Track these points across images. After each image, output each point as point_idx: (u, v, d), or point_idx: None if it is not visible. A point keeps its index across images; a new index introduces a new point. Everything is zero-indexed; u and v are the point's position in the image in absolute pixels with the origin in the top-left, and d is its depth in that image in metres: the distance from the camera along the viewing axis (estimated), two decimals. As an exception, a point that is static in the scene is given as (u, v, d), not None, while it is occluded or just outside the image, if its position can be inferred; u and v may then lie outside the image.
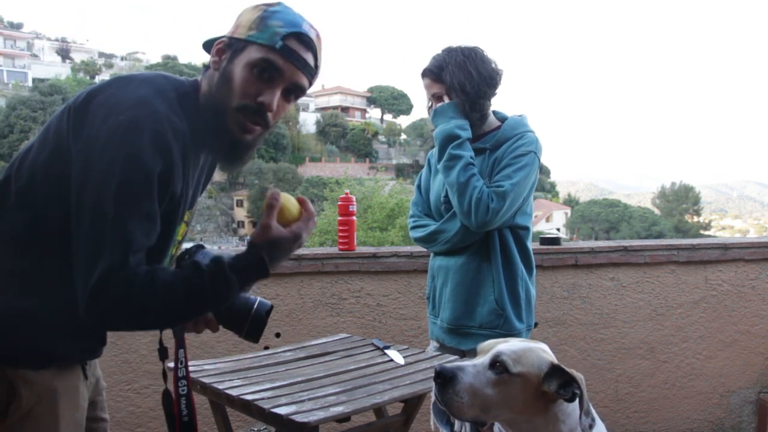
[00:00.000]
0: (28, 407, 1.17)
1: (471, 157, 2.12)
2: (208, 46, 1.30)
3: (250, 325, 1.36)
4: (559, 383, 1.24)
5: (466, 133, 2.15)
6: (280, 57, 1.22)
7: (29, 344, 1.19)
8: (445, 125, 2.16)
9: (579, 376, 1.23)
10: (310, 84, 1.30)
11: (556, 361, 1.29)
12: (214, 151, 1.33)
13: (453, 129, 2.14)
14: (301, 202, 1.26)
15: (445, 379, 1.25)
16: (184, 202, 1.27)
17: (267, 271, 1.20)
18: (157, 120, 1.14)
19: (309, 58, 1.25)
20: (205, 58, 1.32)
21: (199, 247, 1.40)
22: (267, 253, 1.19)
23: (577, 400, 1.23)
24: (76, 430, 1.27)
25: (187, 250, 1.39)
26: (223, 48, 1.25)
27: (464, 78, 2.13)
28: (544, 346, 1.34)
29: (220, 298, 1.19)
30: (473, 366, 1.27)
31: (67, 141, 1.15)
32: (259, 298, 1.39)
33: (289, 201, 1.24)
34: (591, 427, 1.23)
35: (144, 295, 1.09)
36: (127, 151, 1.10)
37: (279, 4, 1.26)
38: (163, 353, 1.44)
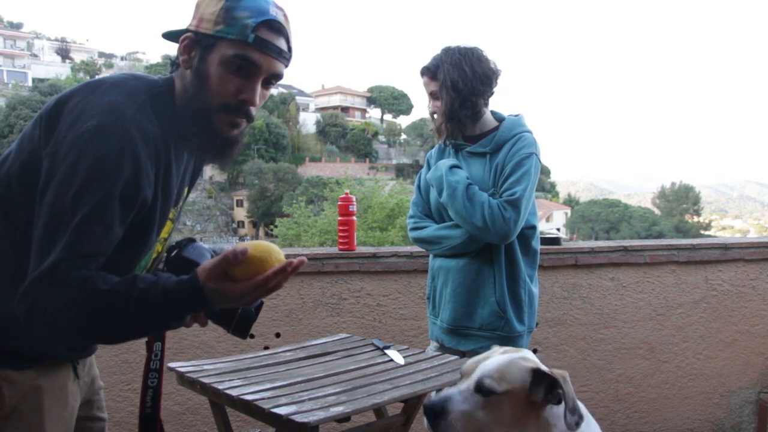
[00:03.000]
0: (11, 406, 1.18)
1: (467, 177, 2.15)
2: (171, 37, 1.26)
3: (239, 320, 1.33)
4: (545, 389, 1.25)
5: (454, 161, 2.22)
6: (255, 51, 1.17)
7: (10, 345, 1.18)
8: (435, 168, 2.23)
9: (561, 374, 1.23)
10: (286, 68, 1.26)
11: (537, 365, 1.28)
12: (204, 151, 1.30)
13: (442, 163, 2.21)
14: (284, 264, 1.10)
15: (435, 412, 1.26)
16: (163, 203, 1.24)
17: (207, 308, 1.11)
18: (123, 126, 1.11)
19: (282, 43, 1.21)
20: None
21: (190, 241, 1.38)
22: (210, 295, 1.08)
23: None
24: (64, 429, 1.27)
25: (177, 242, 1.38)
26: (191, 44, 1.21)
27: (458, 76, 2.14)
28: (526, 353, 1.34)
29: (143, 322, 1.09)
30: (459, 393, 1.27)
31: (38, 148, 1.15)
32: None
33: (260, 252, 1.09)
34: (578, 424, 1.23)
35: (69, 297, 1.04)
36: (90, 158, 1.08)
37: None
38: (149, 346, 1.44)
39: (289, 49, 1.24)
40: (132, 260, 1.23)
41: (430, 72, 2.22)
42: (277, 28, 1.20)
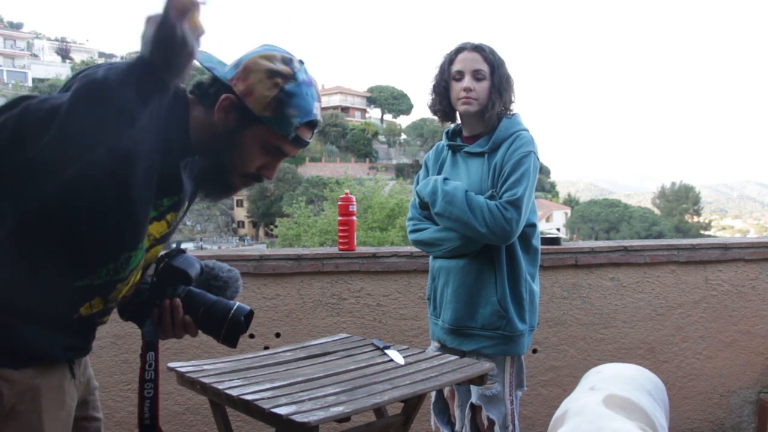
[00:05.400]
0: (9, 405, 1.17)
1: (460, 186, 2.15)
2: (205, 63, 1.28)
3: (227, 330, 1.34)
4: None
5: (442, 176, 2.22)
6: (290, 145, 1.29)
7: (7, 343, 1.18)
8: (424, 183, 2.23)
9: None
10: None
11: None
12: (206, 190, 1.37)
13: (433, 177, 2.22)
14: None
15: None
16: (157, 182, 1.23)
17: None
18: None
19: (311, 136, 1.33)
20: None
21: (180, 251, 1.38)
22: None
23: None
24: (62, 428, 1.26)
25: (167, 253, 1.38)
26: (230, 108, 1.26)
27: (506, 83, 2.20)
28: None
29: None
30: None
31: None
32: (237, 303, 1.38)
33: None
34: None
35: None
36: (95, 90, 1.01)
37: (294, 77, 1.25)
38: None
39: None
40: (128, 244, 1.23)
41: (483, 51, 2.19)
42: (315, 125, 1.31)
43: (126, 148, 1.10)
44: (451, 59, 2.23)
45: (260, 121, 1.25)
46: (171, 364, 1.94)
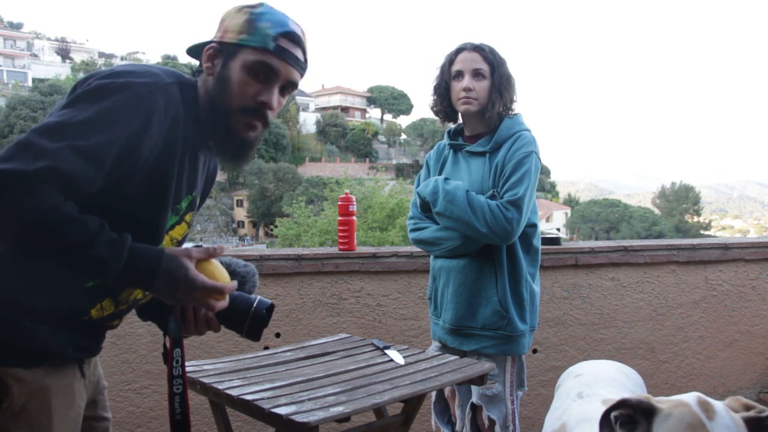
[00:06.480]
0: (19, 404, 1.18)
1: (461, 186, 2.15)
2: (194, 51, 1.34)
3: (251, 324, 1.36)
4: None
5: (443, 176, 2.23)
6: (274, 57, 1.26)
7: (18, 343, 1.19)
8: (425, 183, 2.24)
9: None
10: (302, 78, 1.34)
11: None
12: (220, 152, 1.35)
13: (432, 179, 2.23)
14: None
15: None
16: (178, 183, 1.26)
17: (151, 278, 1.15)
18: (149, 89, 1.16)
19: (299, 54, 1.31)
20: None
21: (196, 246, 1.39)
22: (166, 260, 1.16)
23: None
24: (71, 428, 1.27)
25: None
26: (214, 53, 1.29)
27: (506, 82, 2.19)
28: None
29: (87, 258, 1.09)
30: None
31: None
32: (258, 297, 1.38)
33: (218, 269, 1.26)
34: None
35: (37, 204, 1.02)
36: (106, 102, 1.12)
37: (261, 4, 1.29)
38: (167, 357, 1.44)
39: (306, 61, 1.33)
40: (144, 232, 1.24)
41: (483, 51, 2.19)
42: (296, 39, 1.29)
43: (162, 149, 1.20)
44: (451, 59, 2.23)
45: (240, 46, 1.26)
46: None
